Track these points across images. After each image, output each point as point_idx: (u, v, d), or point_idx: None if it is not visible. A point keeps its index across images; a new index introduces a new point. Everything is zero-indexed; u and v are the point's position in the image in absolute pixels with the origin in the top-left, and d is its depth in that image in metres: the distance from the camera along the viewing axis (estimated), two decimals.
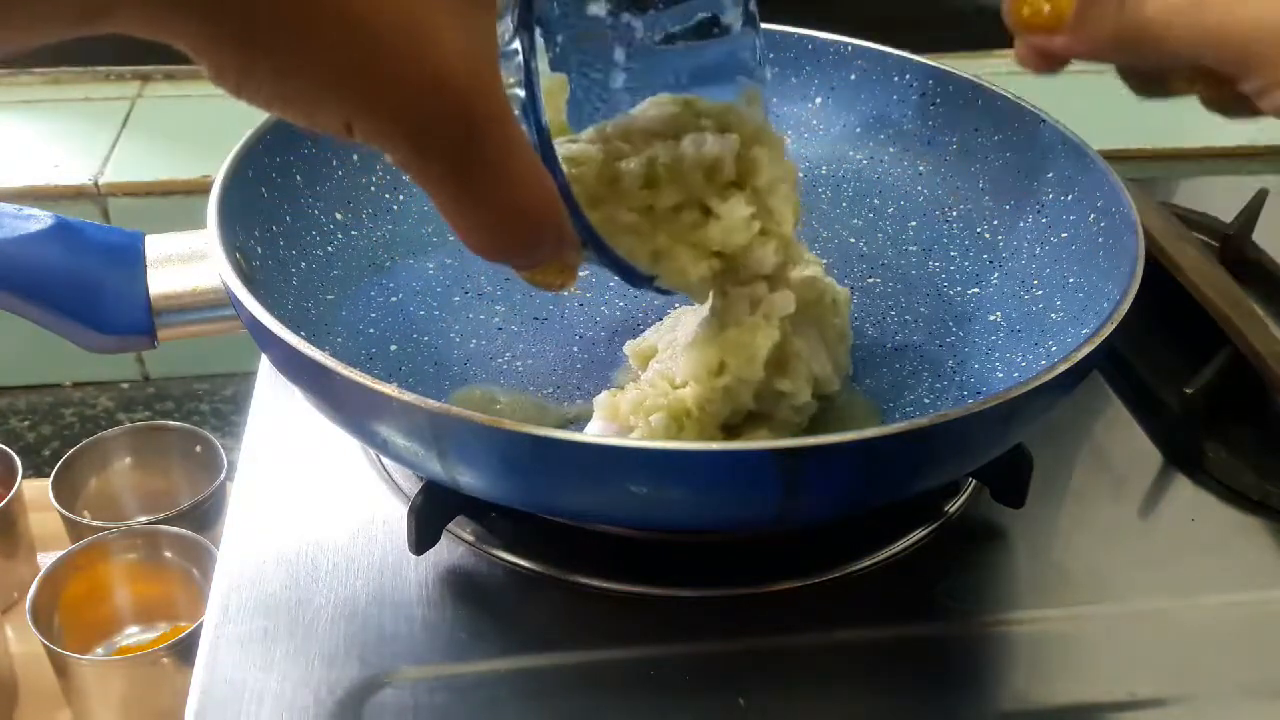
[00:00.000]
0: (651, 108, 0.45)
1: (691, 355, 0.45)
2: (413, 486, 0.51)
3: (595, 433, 0.46)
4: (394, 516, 0.50)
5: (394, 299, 0.56)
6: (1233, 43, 0.32)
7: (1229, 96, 0.36)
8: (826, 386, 0.48)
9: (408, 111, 0.28)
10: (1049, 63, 0.38)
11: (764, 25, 0.65)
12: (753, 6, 0.44)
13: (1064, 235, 0.55)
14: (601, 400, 0.47)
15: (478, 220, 0.31)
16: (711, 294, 0.47)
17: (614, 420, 0.46)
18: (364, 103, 0.28)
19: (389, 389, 0.39)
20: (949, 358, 0.54)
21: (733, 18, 0.45)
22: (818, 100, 0.65)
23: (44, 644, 0.61)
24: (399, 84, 0.28)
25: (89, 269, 0.47)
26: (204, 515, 0.70)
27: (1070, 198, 0.55)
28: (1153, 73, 0.39)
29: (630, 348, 0.52)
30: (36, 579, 0.64)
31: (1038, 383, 0.41)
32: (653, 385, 0.46)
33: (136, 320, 0.48)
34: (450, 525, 0.48)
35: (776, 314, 0.46)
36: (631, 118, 0.45)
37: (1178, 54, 0.34)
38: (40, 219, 0.47)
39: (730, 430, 0.47)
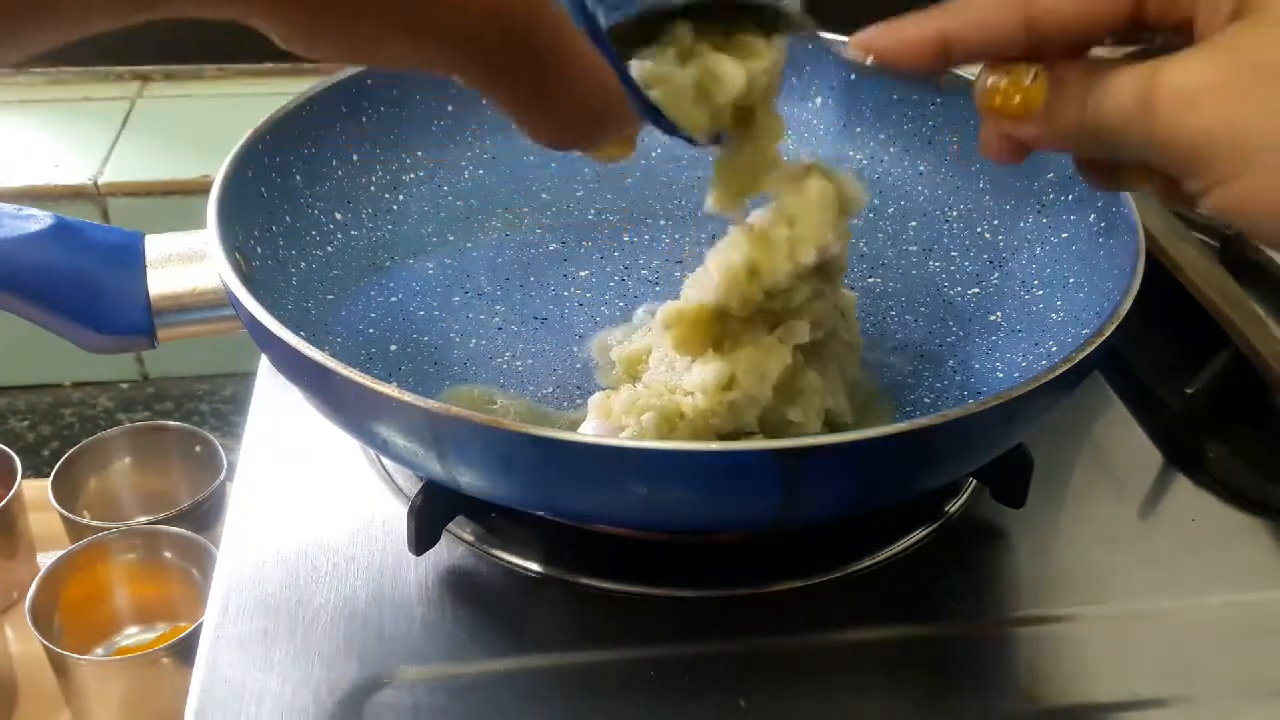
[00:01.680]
0: None
1: (705, 365, 0.45)
2: (413, 486, 0.51)
3: (590, 432, 0.46)
4: (394, 516, 0.50)
5: (394, 299, 0.56)
6: (1178, 147, 0.34)
7: (1178, 195, 0.37)
8: (839, 418, 0.48)
9: (471, 40, 0.30)
10: (1013, 152, 0.40)
11: None
12: None
13: (1064, 235, 0.55)
14: (596, 400, 0.47)
15: (547, 121, 0.34)
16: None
17: (608, 419, 0.46)
18: (428, 38, 0.30)
19: (388, 389, 0.39)
20: (949, 358, 0.54)
21: None
22: (818, 100, 0.65)
23: (44, 644, 0.61)
24: (459, 15, 0.29)
25: (89, 269, 0.47)
26: (204, 515, 0.70)
27: (1070, 198, 0.55)
28: (1107, 166, 0.40)
29: (618, 354, 0.51)
30: (36, 579, 0.63)
31: (1038, 383, 0.41)
32: (648, 387, 0.46)
33: (136, 320, 0.48)
34: (450, 525, 0.48)
35: (792, 339, 0.46)
36: None
37: (1130, 153, 0.36)
38: (40, 219, 0.47)
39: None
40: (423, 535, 0.46)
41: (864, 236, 0.61)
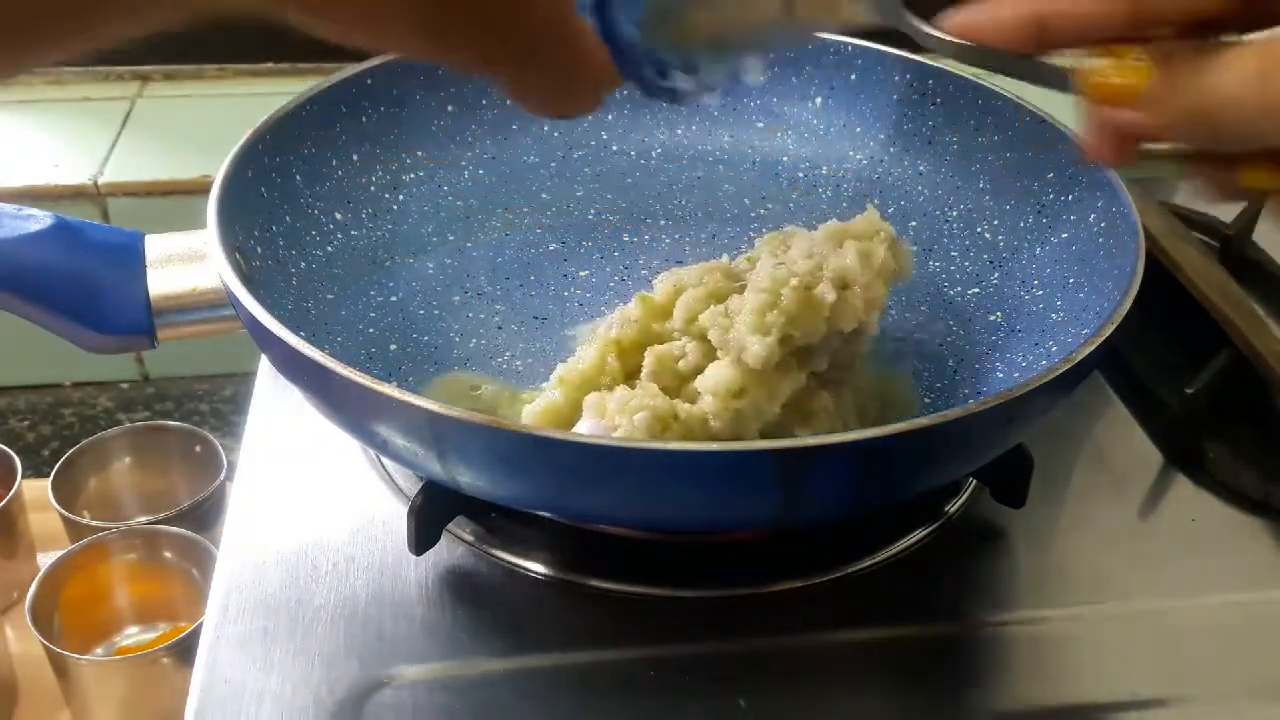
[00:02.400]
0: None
1: (720, 368, 0.45)
2: (413, 486, 0.51)
3: (585, 431, 0.46)
4: (394, 516, 0.50)
5: (394, 299, 0.56)
6: None
7: None
8: None
9: (481, 33, 0.30)
10: (1121, 150, 0.36)
11: None
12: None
13: (1064, 235, 0.55)
14: (591, 400, 0.47)
15: (538, 101, 0.35)
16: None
17: (602, 418, 0.46)
18: (440, 26, 0.30)
19: (388, 389, 0.39)
20: (949, 358, 0.54)
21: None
22: (818, 100, 0.65)
23: (44, 644, 0.61)
24: (472, 6, 0.29)
25: (89, 269, 0.47)
26: (204, 515, 0.70)
27: (1071, 198, 0.55)
28: (1224, 161, 0.36)
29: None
30: (36, 579, 0.63)
31: (1038, 383, 0.41)
32: (643, 388, 0.46)
33: (136, 320, 0.48)
34: (450, 525, 0.48)
35: (808, 367, 0.46)
36: None
37: (1248, 135, 0.33)
38: (40, 219, 0.47)
39: None
40: (423, 535, 0.46)
41: None
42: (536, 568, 0.48)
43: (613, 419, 0.45)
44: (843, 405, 0.48)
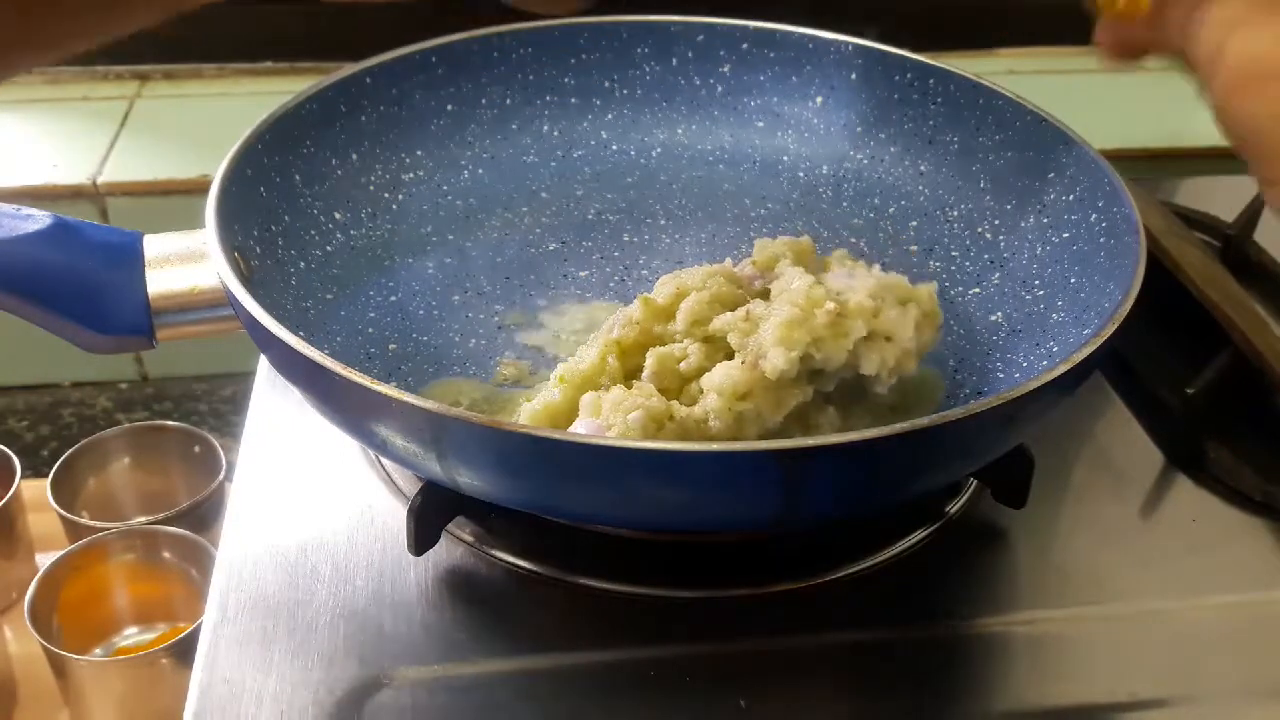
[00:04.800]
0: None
1: (728, 369, 0.45)
2: (412, 487, 0.51)
3: (582, 431, 0.46)
4: (394, 517, 0.49)
5: (393, 298, 0.56)
6: (1233, 126, 0.31)
7: None
8: None
9: None
10: (1122, 53, 0.38)
11: (764, 24, 0.66)
12: None
13: (1065, 235, 0.55)
14: (587, 400, 0.46)
15: None
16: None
17: (597, 417, 0.46)
18: None
19: (388, 390, 0.39)
20: (949, 358, 0.54)
21: None
22: (818, 99, 0.65)
23: (42, 645, 0.61)
24: None
25: (87, 269, 0.47)
26: (203, 515, 0.70)
27: (1072, 197, 0.55)
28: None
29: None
30: (35, 579, 0.63)
31: (1039, 383, 0.41)
32: (639, 388, 0.46)
33: (135, 320, 0.48)
34: (450, 525, 0.48)
35: (815, 383, 0.46)
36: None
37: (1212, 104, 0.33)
38: (38, 219, 0.47)
39: None
40: (422, 535, 0.46)
41: (864, 236, 0.61)
42: (536, 568, 0.48)
43: (607, 418, 0.45)
44: (853, 419, 0.47)
